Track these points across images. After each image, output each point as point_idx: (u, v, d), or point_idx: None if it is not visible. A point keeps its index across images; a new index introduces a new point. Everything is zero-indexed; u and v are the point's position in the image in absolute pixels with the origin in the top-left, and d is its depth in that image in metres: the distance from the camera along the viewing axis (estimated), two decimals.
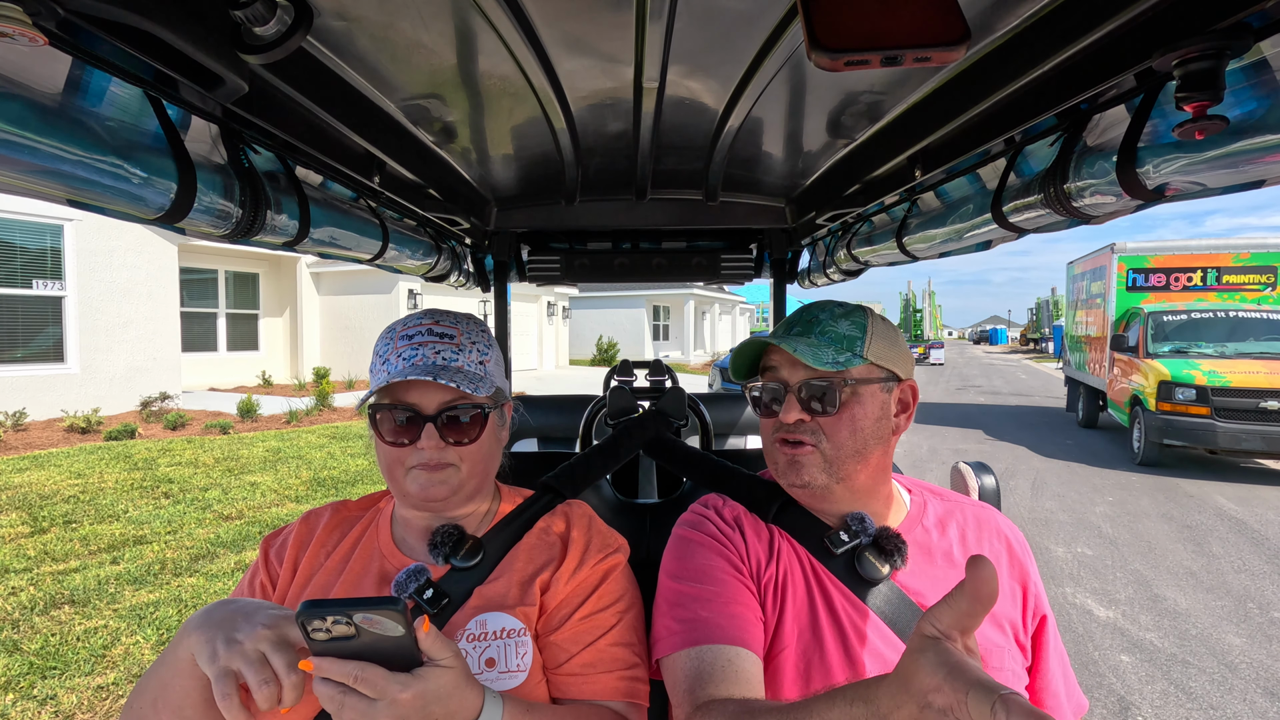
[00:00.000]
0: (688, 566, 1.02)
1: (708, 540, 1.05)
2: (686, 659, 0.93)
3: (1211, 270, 11.02)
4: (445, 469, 0.98)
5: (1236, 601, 4.47)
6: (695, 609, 0.97)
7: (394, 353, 1.00)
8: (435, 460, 0.97)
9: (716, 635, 0.93)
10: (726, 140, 1.40)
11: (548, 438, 2.29)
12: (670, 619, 0.98)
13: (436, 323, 1.03)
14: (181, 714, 0.85)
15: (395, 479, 0.99)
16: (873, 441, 1.01)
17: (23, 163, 0.73)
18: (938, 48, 0.56)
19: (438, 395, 0.98)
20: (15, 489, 6.71)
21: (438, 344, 1.00)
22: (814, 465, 1.00)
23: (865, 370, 1.02)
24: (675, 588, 1.01)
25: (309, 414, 11.61)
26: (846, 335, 1.02)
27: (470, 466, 1.01)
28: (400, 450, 0.97)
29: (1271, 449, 7.78)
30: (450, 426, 0.98)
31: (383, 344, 1.03)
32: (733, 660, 0.91)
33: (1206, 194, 0.87)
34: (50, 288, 10.68)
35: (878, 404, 1.02)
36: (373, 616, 0.69)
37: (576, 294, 27.72)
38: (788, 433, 1.02)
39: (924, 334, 41.27)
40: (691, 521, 1.10)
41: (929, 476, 7.92)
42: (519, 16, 0.84)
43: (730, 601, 0.97)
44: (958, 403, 15.86)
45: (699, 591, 0.99)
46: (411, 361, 0.98)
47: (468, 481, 1.01)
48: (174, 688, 0.84)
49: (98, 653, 3.51)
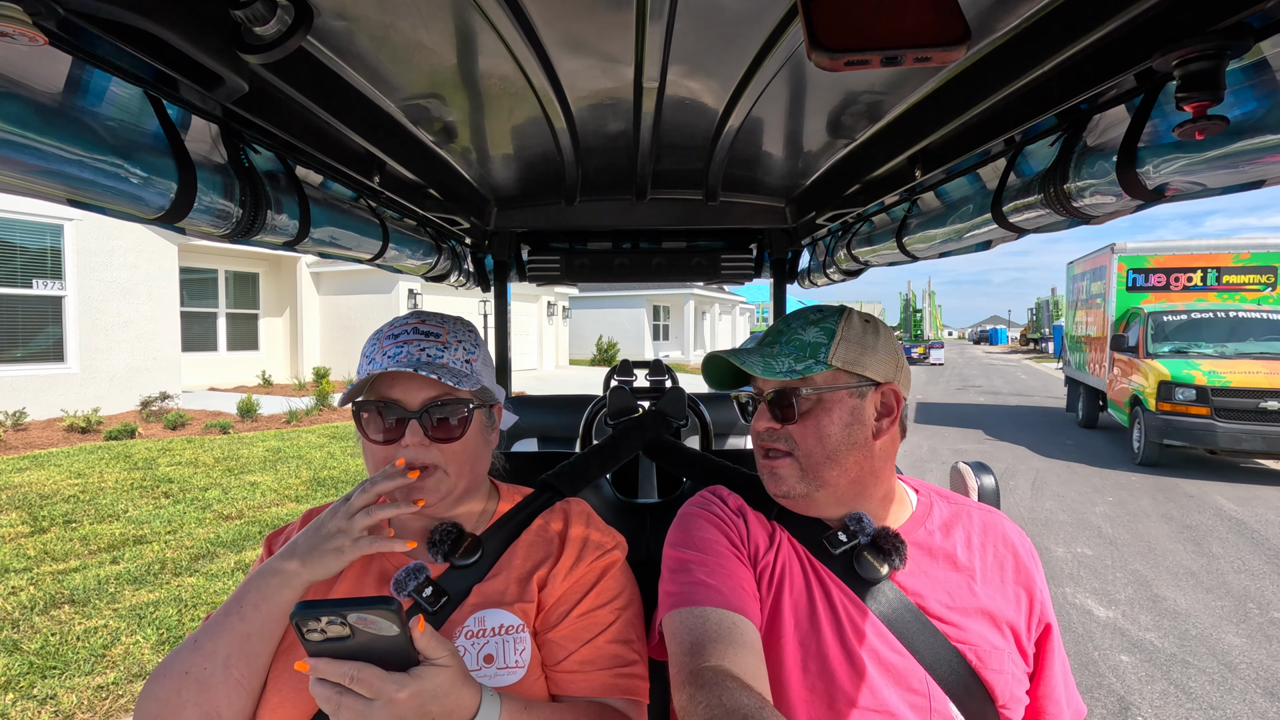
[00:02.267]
0: (690, 538, 1.05)
1: (711, 517, 1.08)
2: (688, 617, 0.93)
3: (1211, 270, 11.02)
4: (433, 474, 0.98)
5: (1236, 601, 4.47)
6: (697, 573, 0.98)
7: (379, 351, 1.00)
8: (420, 461, 0.97)
9: (716, 599, 0.94)
10: (726, 140, 1.40)
11: (547, 438, 2.29)
12: (672, 583, 1.00)
13: (422, 321, 1.03)
14: (254, 665, 0.88)
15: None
16: (845, 448, 1.00)
17: (23, 163, 0.73)
18: (938, 48, 0.56)
19: (421, 391, 0.98)
20: (15, 489, 6.71)
21: (423, 341, 1.00)
22: (791, 475, 1.02)
23: (830, 377, 1.01)
24: (677, 555, 1.03)
25: (309, 414, 11.61)
26: (811, 343, 1.02)
27: (456, 468, 1.00)
28: (385, 449, 0.97)
29: (1271, 449, 7.78)
30: (436, 424, 0.98)
31: (370, 345, 1.03)
32: (735, 625, 0.92)
33: (1206, 194, 0.87)
34: (50, 287, 10.67)
35: (845, 410, 1.00)
36: (367, 616, 0.69)
37: (576, 294, 27.71)
38: (764, 441, 1.04)
39: (924, 334, 41.24)
40: (698, 503, 1.13)
41: (929, 477, 7.93)
42: (519, 16, 0.84)
43: (730, 574, 0.98)
44: (958, 403, 15.86)
45: (700, 559, 1.00)
46: (396, 358, 0.98)
47: (456, 485, 1.01)
48: (262, 636, 0.89)
49: (98, 652, 3.51)
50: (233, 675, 0.87)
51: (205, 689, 0.86)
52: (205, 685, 0.86)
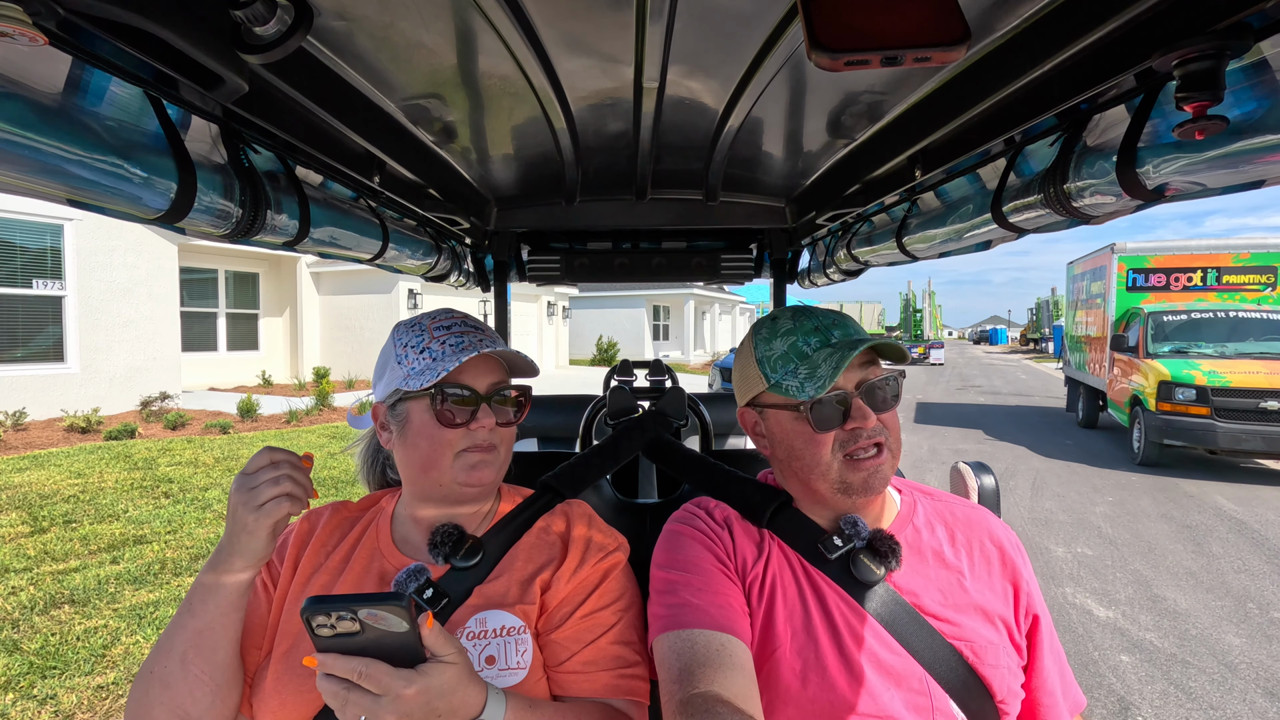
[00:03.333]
0: (676, 557, 1.04)
1: (696, 534, 1.07)
2: (676, 640, 0.93)
3: (1211, 270, 11.01)
4: (493, 450, 1.02)
5: (1236, 601, 4.47)
6: (684, 595, 0.97)
7: (434, 341, 1.01)
8: (487, 441, 1.00)
9: (705, 621, 0.94)
10: (726, 140, 1.40)
11: (548, 438, 2.29)
12: (659, 605, 0.99)
13: (466, 318, 1.06)
14: (214, 658, 0.88)
15: (439, 467, 0.99)
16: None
17: (23, 162, 0.73)
18: (938, 48, 0.56)
19: (489, 376, 1.02)
20: (15, 489, 6.71)
21: (476, 333, 1.04)
22: (888, 468, 1.01)
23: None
24: (664, 576, 1.02)
25: (309, 414, 11.61)
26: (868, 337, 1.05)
27: (507, 450, 1.05)
28: (452, 433, 0.99)
29: (1271, 449, 7.78)
30: (500, 407, 1.02)
31: (413, 337, 1.03)
32: (724, 646, 0.91)
33: (1206, 194, 0.87)
34: (50, 287, 10.67)
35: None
36: (377, 612, 0.69)
37: (576, 294, 27.72)
38: (868, 439, 0.99)
39: (924, 334, 41.26)
40: (682, 518, 1.12)
41: (929, 476, 7.93)
42: (519, 16, 0.84)
43: (717, 592, 0.98)
44: (958, 403, 15.86)
45: (687, 579, 0.99)
46: (460, 347, 1.00)
47: (504, 468, 1.05)
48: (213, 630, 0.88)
49: (98, 652, 3.52)
50: (191, 671, 0.87)
51: (167, 687, 0.87)
52: (167, 684, 0.87)
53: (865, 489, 0.99)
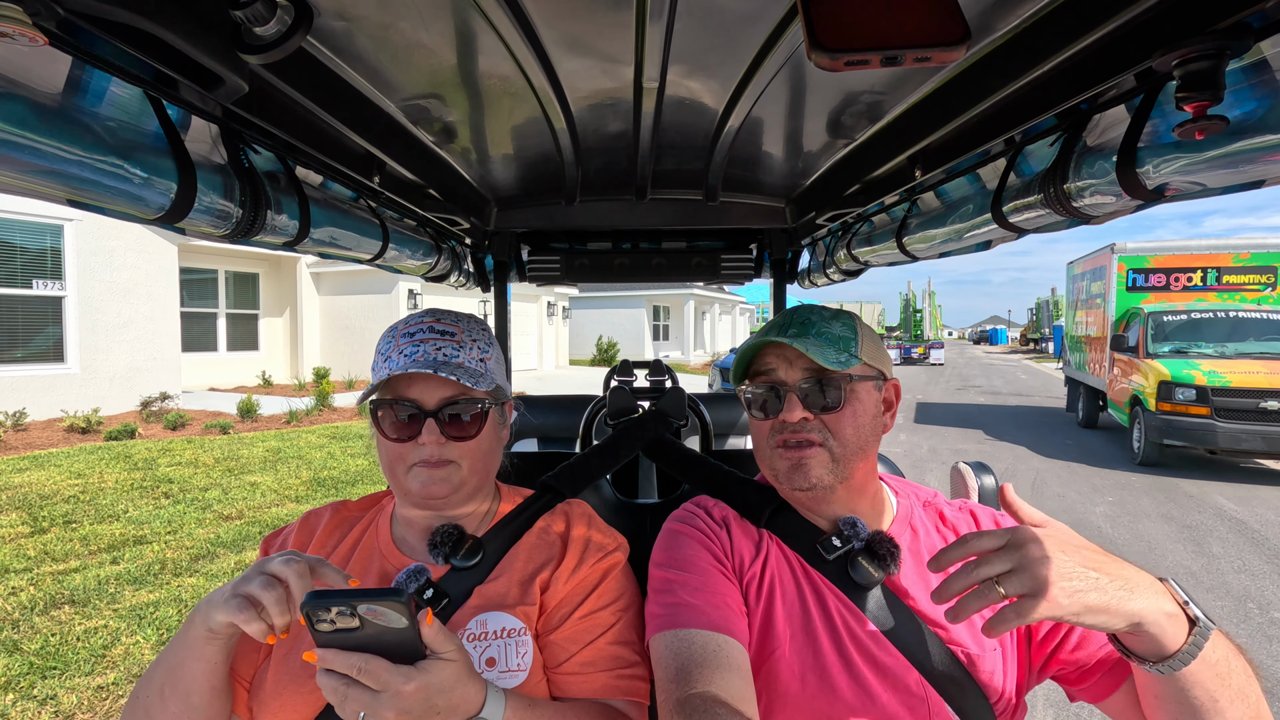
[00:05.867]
0: (674, 556, 1.04)
1: (694, 533, 1.07)
2: (673, 640, 0.93)
3: (1211, 270, 11.01)
4: (446, 466, 0.99)
5: (1236, 601, 4.47)
6: (681, 594, 0.97)
7: (395, 350, 1.00)
8: (436, 457, 0.97)
9: (701, 621, 0.94)
10: (726, 140, 1.40)
11: (548, 438, 2.29)
12: (656, 604, 0.99)
13: (438, 320, 1.04)
14: (189, 700, 0.86)
15: (396, 476, 0.99)
16: (870, 439, 1.04)
17: (23, 163, 0.73)
18: (938, 48, 0.56)
19: (438, 390, 0.98)
20: (15, 489, 6.71)
21: (439, 340, 1.01)
22: (820, 466, 1.01)
23: (861, 369, 1.04)
24: (662, 575, 1.02)
25: (309, 414, 11.61)
26: (841, 336, 1.04)
27: (470, 464, 1.01)
28: (401, 446, 0.98)
29: (1271, 449, 7.77)
30: (451, 422, 0.98)
31: (385, 343, 1.03)
32: (721, 647, 0.91)
33: (1206, 194, 0.87)
34: (50, 288, 10.67)
35: (872, 401, 1.05)
36: (377, 608, 0.69)
37: (576, 294, 27.71)
38: (792, 433, 1.02)
39: (924, 334, 41.22)
40: (680, 517, 1.12)
41: (929, 476, 7.93)
42: (519, 16, 0.84)
43: (714, 592, 0.98)
44: (958, 403, 15.85)
45: (684, 579, 0.99)
46: (413, 357, 0.98)
47: (469, 479, 1.01)
48: (184, 671, 0.85)
49: (98, 653, 3.51)
50: (168, 707, 0.86)
51: (149, 716, 0.87)
52: (149, 713, 0.87)
53: (790, 479, 1.02)
